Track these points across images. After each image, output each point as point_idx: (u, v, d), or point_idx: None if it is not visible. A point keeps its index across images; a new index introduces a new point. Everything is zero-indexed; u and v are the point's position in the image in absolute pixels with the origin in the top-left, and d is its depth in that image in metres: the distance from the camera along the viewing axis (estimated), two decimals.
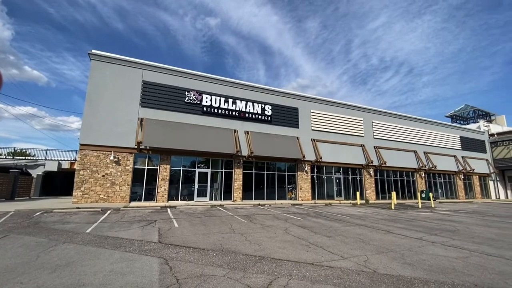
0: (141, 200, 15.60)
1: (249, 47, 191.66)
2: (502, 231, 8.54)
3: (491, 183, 32.34)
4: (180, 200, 16.63)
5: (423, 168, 26.37)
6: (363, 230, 8.21)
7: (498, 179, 32.99)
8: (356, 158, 23.21)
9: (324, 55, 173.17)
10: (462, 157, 30.15)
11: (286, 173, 20.57)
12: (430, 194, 21.55)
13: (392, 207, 16.60)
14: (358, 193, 20.87)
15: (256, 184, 19.19)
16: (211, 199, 17.61)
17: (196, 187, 17.30)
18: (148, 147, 15.74)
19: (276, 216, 11.34)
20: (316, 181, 21.56)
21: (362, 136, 24.33)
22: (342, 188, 22.72)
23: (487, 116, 41.63)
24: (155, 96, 16.86)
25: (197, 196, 17.18)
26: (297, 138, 20.86)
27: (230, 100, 18.99)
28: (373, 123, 25.35)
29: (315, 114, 22.54)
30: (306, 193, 20.45)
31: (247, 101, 19.58)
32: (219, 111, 18.49)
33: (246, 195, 18.48)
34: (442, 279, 3.91)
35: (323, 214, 12.34)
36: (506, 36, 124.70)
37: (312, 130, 22.06)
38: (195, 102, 17.80)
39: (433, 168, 26.79)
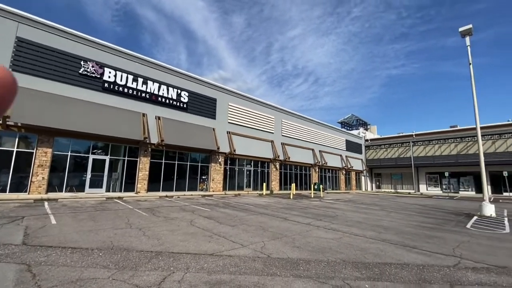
0: (5, 192, 12.06)
1: (171, 28, 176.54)
2: (367, 215, 10.91)
3: (363, 178, 41.13)
4: (66, 191, 13.77)
5: (317, 164, 30.97)
6: (265, 218, 8.89)
7: (368, 175, 42.27)
8: (265, 152, 24.99)
9: (247, 52, 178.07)
10: (346, 156, 37.05)
11: (200, 164, 20.13)
12: (321, 186, 25.56)
13: (291, 197, 18.77)
14: (264, 184, 22.61)
15: (166, 175, 17.97)
16: (108, 190, 15.37)
17: (89, 176, 14.69)
18: (20, 124, 12.23)
19: (183, 208, 10.91)
20: (228, 172, 22.02)
21: (272, 133, 26.39)
22: (252, 179, 24.09)
23: (365, 125, 52.58)
24: (35, 60, 13.19)
25: (90, 187, 14.63)
26: (213, 129, 20.68)
27: (141, 80, 16.93)
28: (283, 122, 27.88)
29: (232, 107, 22.86)
30: (218, 184, 20.63)
31: (161, 83, 17.92)
32: (126, 90, 16.19)
33: (153, 187, 17.05)
34: (321, 258, 4.60)
35: (231, 205, 12.70)
36: (383, 65, 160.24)
37: (229, 122, 22.33)
38: (93, 75, 14.95)
39: (324, 164, 31.87)
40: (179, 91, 18.85)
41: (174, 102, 18.52)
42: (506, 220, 10.19)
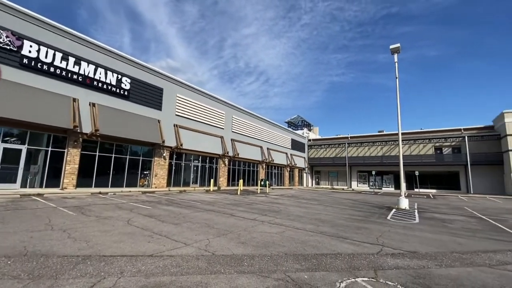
0: None
1: (114, 6, 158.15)
2: (307, 209, 11.69)
3: (304, 175, 44.11)
4: None
5: (264, 161, 31.95)
6: (211, 215, 8.73)
7: (309, 172, 45.50)
8: (214, 147, 24.61)
9: (199, 44, 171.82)
10: (291, 154, 39.15)
11: (141, 158, 18.64)
12: (267, 182, 26.47)
13: (239, 193, 18.93)
14: (212, 181, 22.26)
15: (100, 169, 16.10)
16: (24, 186, 13.02)
17: None
18: None
19: (119, 205, 9.94)
20: (174, 167, 20.97)
21: (222, 128, 26.12)
22: (199, 175, 23.46)
23: (309, 126, 56.38)
24: None
25: None
26: (159, 121, 19.37)
27: (72, 59, 14.72)
28: (233, 118, 27.84)
29: (181, 99, 21.77)
30: (162, 180, 19.46)
31: (98, 66, 15.91)
32: (53, 69, 13.88)
33: (84, 182, 15.10)
34: (265, 252, 4.72)
35: (176, 202, 12.13)
36: (327, 72, 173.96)
37: (176, 115, 21.22)
38: (8, 47, 12.38)
39: (271, 162, 33.08)
40: (119, 76, 17.05)
41: (114, 89, 16.68)
42: (416, 212, 12.19)
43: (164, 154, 19.76)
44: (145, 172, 18.88)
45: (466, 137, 31.18)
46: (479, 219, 10.51)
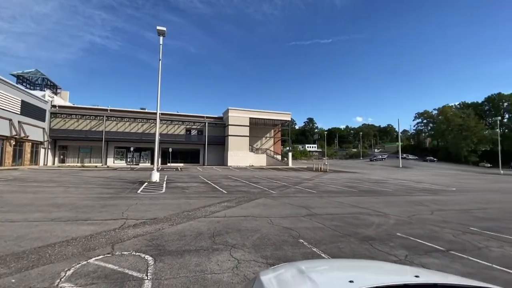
0: None
1: None
2: (37, 195, 9.05)
3: (42, 151, 33.83)
4: None
5: None
6: None
7: (50, 147, 35.53)
8: None
9: None
10: (19, 122, 28.13)
11: None
12: None
13: None
14: None
15: None
16: None
17: None
18: None
19: None
20: None
21: None
22: None
23: (54, 88, 43.56)
24: None
25: None
26: None
27: None
28: None
29: None
30: None
31: None
32: None
33: None
34: None
35: None
36: (88, 29, 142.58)
37: None
38: None
39: None
40: None
41: None
42: (165, 183, 13.90)
43: None
44: None
45: (206, 123, 40.56)
46: (206, 183, 14.20)
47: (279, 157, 43.01)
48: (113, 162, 38.33)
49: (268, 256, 3.83)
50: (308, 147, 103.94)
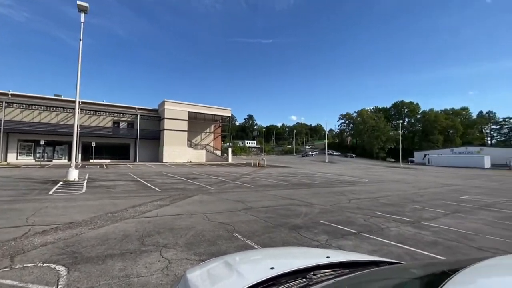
0: None
1: None
2: None
3: None
4: None
5: None
6: None
7: None
8: None
9: None
10: None
11: None
12: None
13: None
14: None
15: None
16: None
17: None
18: None
19: None
20: None
21: None
22: None
23: None
24: None
25: None
26: None
27: None
28: None
29: None
30: None
31: None
32: None
33: None
34: None
35: None
36: None
37: None
38: None
39: None
40: None
41: None
42: (86, 182, 12.19)
43: None
44: None
45: (138, 116, 37.03)
46: (136, 181, 13.06)
47: (219, 152, 42.72)
48: (16, 159, 31.62)
49: (202, 252, 3.80)
50: (248, 143, 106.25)
